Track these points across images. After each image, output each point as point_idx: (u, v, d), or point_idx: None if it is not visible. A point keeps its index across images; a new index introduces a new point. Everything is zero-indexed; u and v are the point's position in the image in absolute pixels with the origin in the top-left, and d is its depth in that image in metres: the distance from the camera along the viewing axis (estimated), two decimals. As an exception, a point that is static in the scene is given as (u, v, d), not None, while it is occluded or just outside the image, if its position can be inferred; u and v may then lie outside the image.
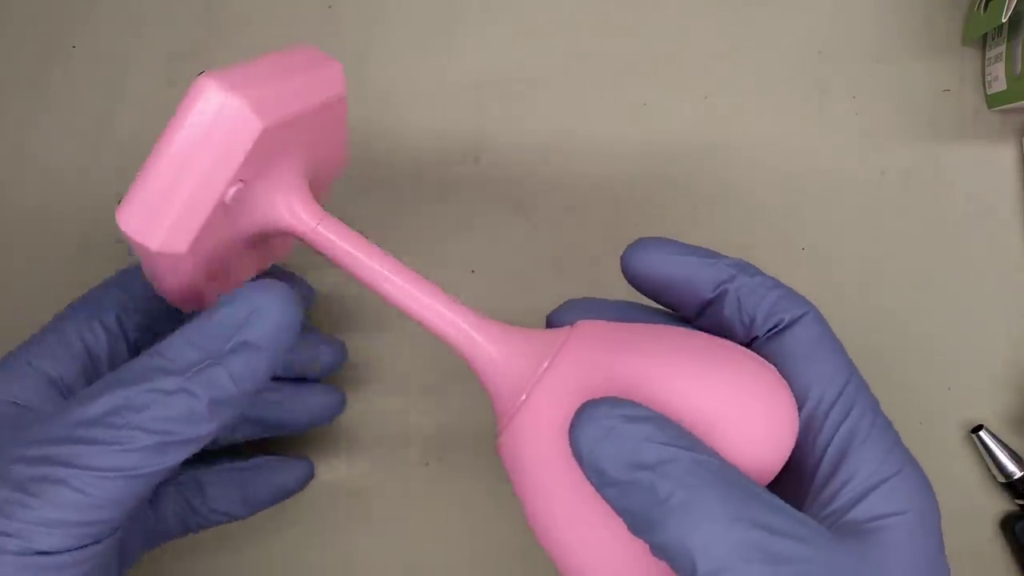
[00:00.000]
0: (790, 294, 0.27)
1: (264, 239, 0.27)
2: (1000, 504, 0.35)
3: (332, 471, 0.35)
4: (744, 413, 0.23)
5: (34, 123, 0.36)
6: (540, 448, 0.23)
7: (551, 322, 0.29)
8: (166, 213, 0.23)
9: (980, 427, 0.35)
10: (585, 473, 0.22)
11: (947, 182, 0.37)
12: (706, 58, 0.37)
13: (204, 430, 0.23)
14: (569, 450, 0.22)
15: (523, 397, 0.24)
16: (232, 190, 0.23)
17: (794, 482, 0.26)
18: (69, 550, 0.23)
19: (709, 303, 0.27)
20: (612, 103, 0.37)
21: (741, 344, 0.26)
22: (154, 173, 0.23)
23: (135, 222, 0.23)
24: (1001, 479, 0.34)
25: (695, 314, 0.28)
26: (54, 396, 0.27)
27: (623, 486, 0.21)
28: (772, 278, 0.27)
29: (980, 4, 0.35)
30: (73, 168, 0.36)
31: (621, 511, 0.22)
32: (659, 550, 0.21)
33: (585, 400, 0.22)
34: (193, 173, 0.23)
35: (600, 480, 0.22)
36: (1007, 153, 0.37)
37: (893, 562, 0.23)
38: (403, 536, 0.35)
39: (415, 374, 0.36)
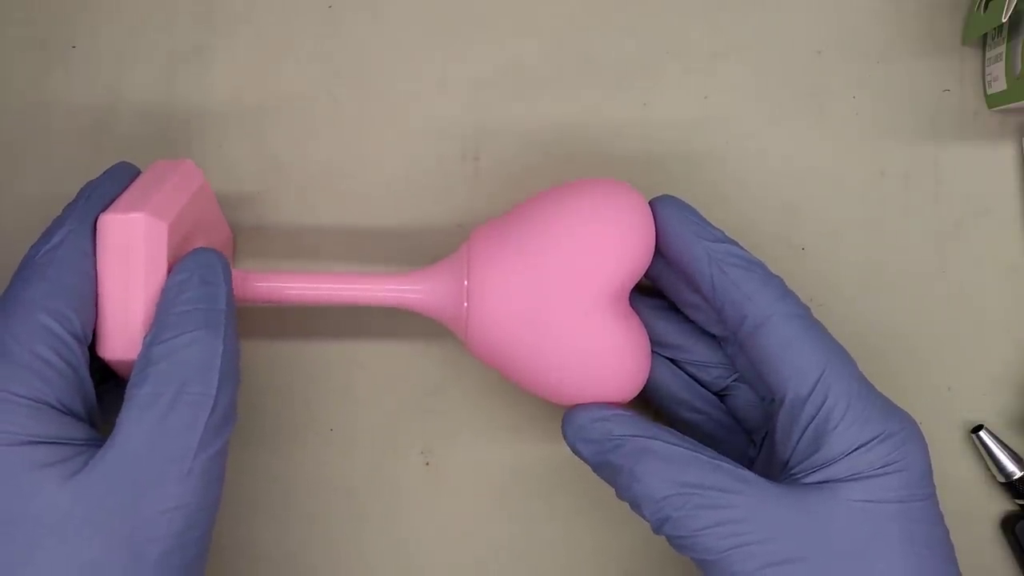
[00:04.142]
0: (760, 291, 0.29)
1: None
2: (1000, 504, 0.35)
3: (331, 470, 0.35)
4: (602, 231, 0.29)
5: (34, 123, 0.36)
6: (498, 325, 0.29)
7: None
8: (135, 326, 0.27)
9: (980, 427, 0.35)
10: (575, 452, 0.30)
11: (947, 182, 0.37)
12: (706, 58, 0.37)
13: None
14: (515, 314, 0.29)
15: (465, 305, 0.29)
16: None
17: (775, 474, 0.28)
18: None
19: (691, 277, 0.30)
20: (612, 103, 0.37)
21: (722, 333, 0.31)
22: (108, 302, 0.27)
23: (115, 347, 0.27)
24: (1001, 479, 0.34)
25: (684, 279, 0.31)
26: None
27: (597, 466, 0.29)
28: (752, 268, 0.29)
29: (980, 4, 0.35)
30: (73, 168, 0.36)
31: (601, 477, 0.29)
32: (630, 504, 0.28)
33: (507, 285, 0.29)
34: (137, 285, 0.27)
35: (583, 458, 0.30)
36: (1007, 153, 0.37)
37: (844, 517, 0.26)
38: (403, 536, 0.35)
39: (415, 374, 0.36)
